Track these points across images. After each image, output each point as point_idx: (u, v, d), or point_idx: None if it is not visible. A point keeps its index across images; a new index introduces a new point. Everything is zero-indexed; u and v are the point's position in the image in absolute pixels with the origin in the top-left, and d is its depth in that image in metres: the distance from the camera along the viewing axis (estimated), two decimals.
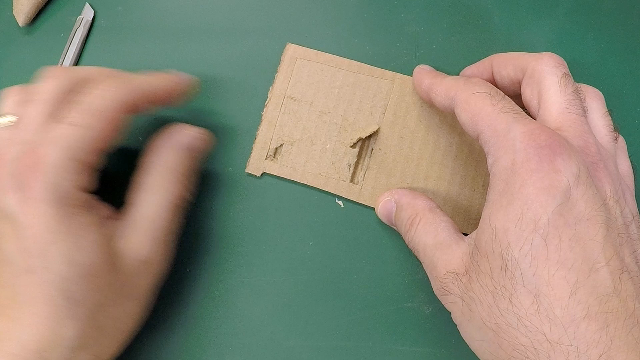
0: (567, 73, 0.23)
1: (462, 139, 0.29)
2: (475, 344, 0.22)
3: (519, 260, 0.20)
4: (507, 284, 0.20)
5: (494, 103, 0.23)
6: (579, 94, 0.23)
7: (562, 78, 0.23)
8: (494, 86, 0.24)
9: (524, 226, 0.20)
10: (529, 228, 0.20)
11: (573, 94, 0.23)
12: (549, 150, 0.20)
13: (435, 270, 0.24)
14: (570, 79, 0.23)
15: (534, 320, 0.19)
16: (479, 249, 0.21)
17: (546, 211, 0.20)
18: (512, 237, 0.20)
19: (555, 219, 0.20)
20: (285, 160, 0.29)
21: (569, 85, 0.23)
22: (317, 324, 0.28)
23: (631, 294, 0.19)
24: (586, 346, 0.18)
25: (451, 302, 0.23)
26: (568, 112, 0.23)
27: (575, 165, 0.20)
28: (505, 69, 0.26)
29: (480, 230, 0.22)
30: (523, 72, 0.25)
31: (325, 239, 0.29)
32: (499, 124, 0.22)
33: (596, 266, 0.19)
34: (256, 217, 0.29)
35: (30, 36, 0.33)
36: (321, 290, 0.28)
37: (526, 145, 0.21)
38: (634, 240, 0.21)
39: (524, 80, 0.25)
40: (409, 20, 0.31)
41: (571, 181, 0.20)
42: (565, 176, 0.20)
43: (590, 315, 0.19)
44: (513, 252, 0.20)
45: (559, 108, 0.23)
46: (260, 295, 0.28)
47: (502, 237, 0.20)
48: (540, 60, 0.24)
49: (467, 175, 0.29)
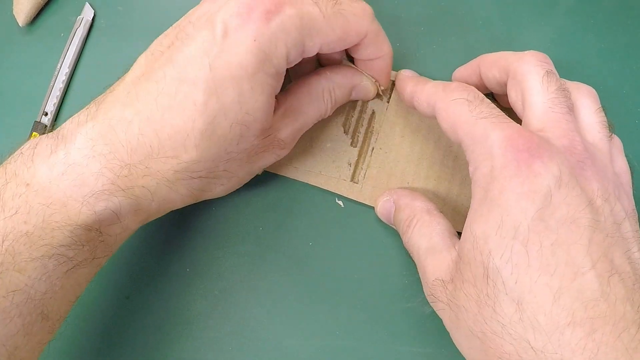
0: (550, 70, 0.23)
1: None
2: (464, 351, 0.22)
3: (500, 268, 0.19)
4: (489, 292, 0.20)
5: (471, 109, 0.22)
6: (563, 91, 0.23)
7: (545, 76, 0.23)
8: (473, 89, 0.23)
9: (504, 233, 0.20)
10: (509, 235, 0.20)
11: (556, 92, 0.22)
12: (528, 155, 0.20)
13: (425, 275, 0.24)
14: (554, 76, 0.23)
15: (517, 328, 0.19)
16: (462, 258, 0.21)
17: (526, 217, 0.19)
18: (493, 244, 0.20)
19: (536, 225, 0.19)
20: (286, 159, 0.29)
21: (551, 83, 0.23)
22: (317, 324, 0.28)
23: (621, 296, 0.19)
24: (571, 353, 0.18)
25: (440, 309, 0.23)
26: (552, 111, 0.22)
27: (556, 167, 0.20)
28: (491, 71, 0.25)
29: (463, 238, 0.22)
30: (507, 73, 0.24)
31: (325, 239, 0.29)
32: (477, 131, 0.22)
33: (581, 270, 0.19)
34: (256, 217, 0.29)
35: (30, 36, 0.33)
36: (321, 290, 0.28)
37: (504, 151, 0.20)
38: (626, 239, 0.21)
39: (509, 82, 0.24)
40: (409, 20, 0.31)
41: (552, 184, 0.20)
42: (545, 179, 0.20)
43: (576, 322, 0.18)
44: (494, 260, 0.20)
45: (542, 108, 0.22)
46: (260, 295, 0.28)
47: (483, 245, 0.20)
48: (521, 60, 0.24)
49: (467, 175, 0.28)
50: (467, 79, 0.28)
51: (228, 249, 0.29)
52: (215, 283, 0.29)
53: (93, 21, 0.32)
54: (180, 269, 0.29)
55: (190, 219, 0.29)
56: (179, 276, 0.29)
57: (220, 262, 0.29)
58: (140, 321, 0.28)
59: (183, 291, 0.28)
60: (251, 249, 0.29)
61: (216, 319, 0.28)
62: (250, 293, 0.28)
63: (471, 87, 0.24)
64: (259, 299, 0.28)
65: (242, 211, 0.29)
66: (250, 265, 0.29)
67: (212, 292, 0.28)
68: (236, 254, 0.29)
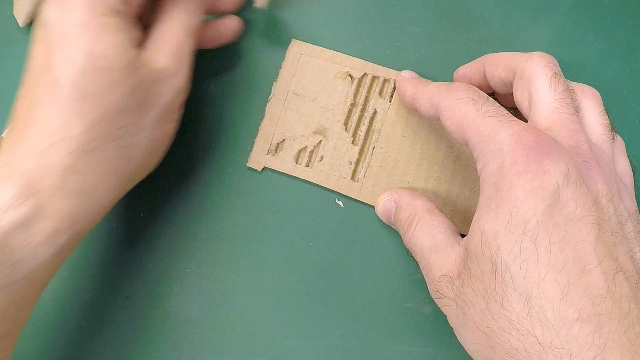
0: (558, 72, 0.23)
1: None
2: (470, 347, 0.22)
3: (509, 263, 0.20)
4: (497, 287, 0.20)
5: (477, 107, 0.22)
6: (570, 92, 0.23)
7: (552, 77, 0.23)
8: (476, 89, 0.24)
9: (513, 229, 0.20)
10: (518, 231, 0.20)
11: (563, 92, 0.23)
12: (537, 151, 0.20)
13: (431, 272, 0.24)
14: (561, 78, 0.23)
15: (525, 323, 0.19)
16: (469, 253, 0.21)
17: (535, 213, 0.19)
18: (502, 240, 0.20)
19: (545, 221, 0.19)
20: (287, 156, 0.29)
21: (559, 84, 0.23)
22: (317, 324, 0.28)
23: (626, 294, 0.19)
24: (579, 349, 0.18)
25: (446, 305, 0.23)
26: (559, 111, 0.22)
27: (564, 165, 0.20)
28: (497, 70, 0.26)
29: (470, 234, 0.22)
30: (513, 73, 0.25)
31: (325, 239, 0.29)
32: (485, 129, 0.22)
33: (588, 267, 0.19)
34: (256, 217, 0.29)
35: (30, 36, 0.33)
36: (321, 290, 0.28)
37: (513, 148, 0.20)
38: (630, 239, 0.21)
39: (515, 82, 0.25)
40: (409, 20, 0.31)
41: (560, 181, 0.20)
42: (554, 177, 0.20)
43: (583, 318, 0.18)
44: (503, 256, 0.20)
45: (549, 108, 0.22)
46: (260, 295, 0.28)
47: (492, 241, 0.20)
48: (530, 61, 0.24)
49: (468, 176, 0.29)
50: (469, 78, 0.28)
51: (228, 249, 0.29)
52: (215, 283, 0.28)
53: None
54: (180, 269, 0.29)
55: (190, 219, 0.29)
56: (179, 276, 0.29)
57: (220, 262, 0.29)
58: (140, 321, 0.28)
59: (183, 291, 0.28)
60: (251, 249, 0.29)
61: (216, 319, 0.28)
62: (250, 293, 0.28)
63: (474, 87, 0.24)
64: (259, 299, 0.28)
65: (242, 211, 0.29)
66: (250, 265, 0.29)
67: (212, 292, 0.28)
68: (236, 254, 0.29)
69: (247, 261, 0.29)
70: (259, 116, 0.30)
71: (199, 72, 0.31)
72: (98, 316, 0.28)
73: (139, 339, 0.28)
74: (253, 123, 0.30)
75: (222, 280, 0.28)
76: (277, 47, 0.31)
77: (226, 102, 0.31)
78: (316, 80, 0.30)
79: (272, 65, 0.31)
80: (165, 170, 0.29)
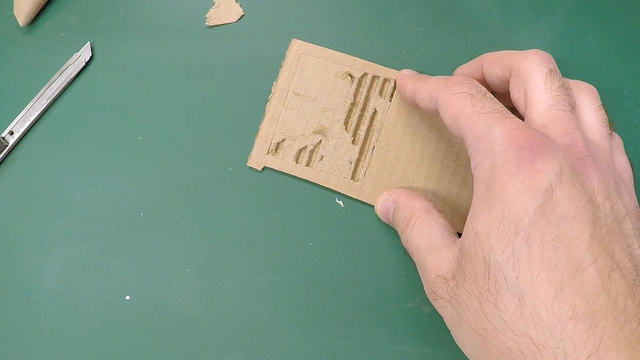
0: (553, 69, 0.23)
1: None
2: (466, 348, 0.22)
3: (502, 263, 0.19)
4: (491, 287, 0.20)
5: (474, 103, 0.22)
6: (566, 89, 0.23)
7: (548, 75, 0.23)
8: (475, 83, 0.23)
9: (505, 229, 0.20)
10: (510, 230, 0.19)
11: (559, 89, 0.22)
12: (529, 151, 0.20)
13: (426, 273, 0.24)
14: (557, 75, 0.23)
15: (519, 323, 0.19)
16: (463, 254, 0.21)
17: (527, 212, 0.19)
18: (494, 240, 0.20)
19: (537, 220, 0.19)
20: (287, 156, 0.29)
21: (554, 81, 0.23)
22: (317, 324, 0.28)
23: (622, 291, 0.19)
24: (573, 348, 0.18)
25: (441, 306, 0.23)
26: (554, 109, 0.22)
27: (557, 163, 0.20)
28: (494, 69, 0.26)
29: (464, 234, 0.22)
30: (510, 71, 0.24)
31: (325, 239, 0.29)
32: (479, 126, 0.22)
33: (582, 265, 0.19)
34: (256, 216, 0.29)
35: (30, 36, 0.33)
36: (321, 290, 0.28)
37: (506, 147, 0.20)
38: (627, 236, 0.21)
39: (511, 80, 0.24)
40: (409, 20, 0.31)
41: (553, 180, 0.20)
42: (547, 176, 0.20)
43: (577, 316, 0.18)
44: (495, 256, 0.20)
45: (544, 105, 0.22)
46: (260, 295, 0.28)
47: (485, 241, 0.20)
48: (525, 59, 0.24)
49: (468, 176, 0.29)
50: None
51: (228, 248, 0.29)
52: (215, 283, 0.28)
53: (88, 63, 0.32)
54: (180, 269, 0.29)
55: (190, 219, 0.29)
56: (179, 276, 0.29)
57: (220, 262, 0.29)
58: (140, 321, 0.28)
59: (183, 291, 0.28)
60: (251, 249, 0.29)
61: (216, 319, 0.28)
62: (250, 293, 0.28)
63: (473, 81, 0.24)
64: (259, 299, 0.28)
65: (242, 211, 0.29)
66: (250, 265, 0.29)
67: (212, 292, 0.28)
68: (236, 254, 0.29)
69: (247, 261, 0.29)
70: (259, 116, 0.30)
71: (199, 72, 0.31)
72: (98, 316, 0.28)
73: (139, 339, 0.28)
74: (253, 123, 0.30)
75: (222, 280, 0.28)
76: (277, 46, 0.31)
77: (226, 101, 0.31)
78: (316, 79, 0.30)
79: (272, 64, 0.31)
80: (165, 170, 0.29)
